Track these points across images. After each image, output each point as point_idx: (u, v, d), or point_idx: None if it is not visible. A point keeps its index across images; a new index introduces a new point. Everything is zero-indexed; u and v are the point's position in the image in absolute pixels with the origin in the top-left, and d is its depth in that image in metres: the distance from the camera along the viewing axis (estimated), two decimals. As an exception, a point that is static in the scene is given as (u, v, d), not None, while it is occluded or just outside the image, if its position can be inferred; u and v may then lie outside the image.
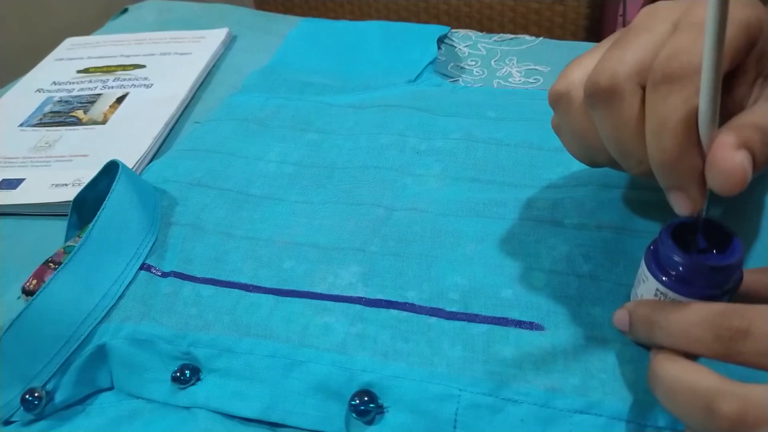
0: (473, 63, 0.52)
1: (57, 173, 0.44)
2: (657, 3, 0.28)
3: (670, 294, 0.24)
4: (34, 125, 0.50)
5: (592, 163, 0.30)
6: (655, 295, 0.25)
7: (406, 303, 0.31)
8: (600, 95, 0.25)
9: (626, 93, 0.25)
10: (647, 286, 0.25)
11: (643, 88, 0.24)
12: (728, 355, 0.21)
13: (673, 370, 0.22)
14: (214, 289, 0.33)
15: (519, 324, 0.30)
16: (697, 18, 0.24)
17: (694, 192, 0.24)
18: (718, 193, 0.23)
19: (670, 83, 0.23)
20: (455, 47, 0.54)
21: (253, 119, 0.46)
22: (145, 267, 0.35)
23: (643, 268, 0.26)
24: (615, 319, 0.27)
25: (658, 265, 0.25)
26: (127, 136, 0.47)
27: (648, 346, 0.25)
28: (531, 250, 0.33)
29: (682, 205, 0.25)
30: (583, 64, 0.27)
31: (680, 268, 0.24)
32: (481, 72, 0.51)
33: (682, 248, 0.24)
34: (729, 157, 0.22)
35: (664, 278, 0.24)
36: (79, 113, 0.51)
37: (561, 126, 0.29)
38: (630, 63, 0.25)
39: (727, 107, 0.26)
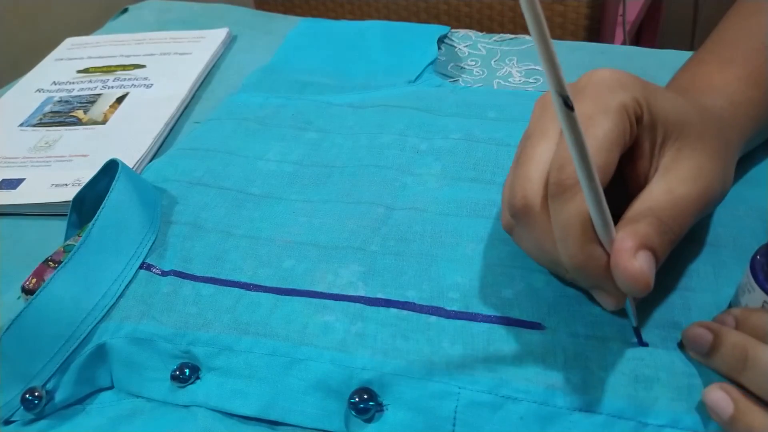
0: (473, 63, 0.52)
1: (57, 173, 0.44)
2: (545, 95, 0.29)
3: None
4: (34, 125, 0.50)
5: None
6: (763, 306, 0.24)
7: (406, 302, 0.31)
8: (518, 217, 0.27)
9: (536, 210, 0.26)
10: (753, 296, 0.25)
11: None
12: None
13: None
14: (214, 288, 0.33)
15: (519, 323, 0.30)
16: (579, 115, 0.25)
17: (611, 289, 0.25)
18: (631, 294, 0.24)
19: (563, 193, 0.24)
20: (455, 47, 0.54)
21: (253, 119, 0.46)
22: (144, 266, 0.35)
23: (749, 278, 0.25)
24: (691, 335, 0.26)
25: (767, 276, 0.24)
26: (127, 136, 0.47)
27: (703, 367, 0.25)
28: (531, 249, 0.33)
29: (606, 303, 0.27)
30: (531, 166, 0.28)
31: None
32: (481, 72, 0.51)
33: None
34: (629, 265, 0.23)
35: None
36: (79, 113, 0.51)
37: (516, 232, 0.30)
38: (534, 180, 0.26)
39: (634, 180, 0.28)
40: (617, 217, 0.26)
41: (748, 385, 0.24)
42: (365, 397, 0.28)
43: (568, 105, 0.20)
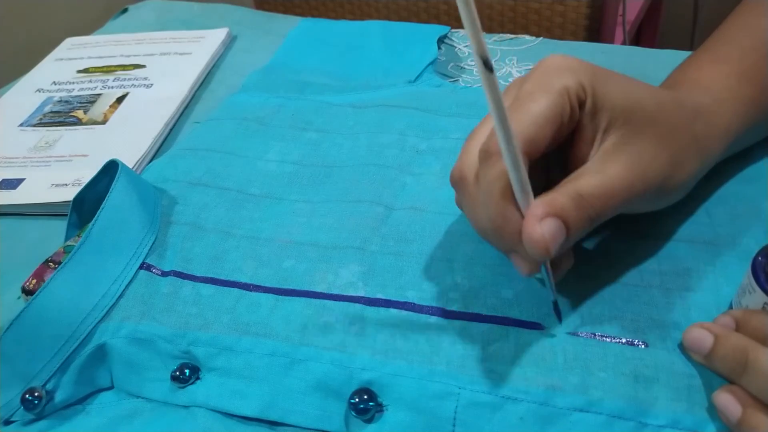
0: (473, 63, 0.52)
1: (57, 173, 0.44)
2: (513, 81, 0.30)
3: None
4: (34, 125, 0.50)
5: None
6: (763, 307, 0.24)
7: (406, 302, 0.31)
8: (454, 185, 0.29)
9: (469, 179, 0.28)
10: (754, 298, 0.25)
11: None
12: None
13: None
14: (214, 289, 0.33)
15: (519, 323, 0.30)
16: (521, 93, 0.27)
17: (524, 254, 0.26)
18: (535, 257, 0.25)
19: (488, 159, 0.25)
20: (455, 47, 0.54)
21: (253, 119, 0.46)
22: (144, 266, 0.35)
23: (750, 279, 0.25)
24: (691, 337, 0.26)
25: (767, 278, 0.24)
26: (127, 136, 0.47)
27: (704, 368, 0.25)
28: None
29: (519, 267, 0.27)
30: (471, 142, 0.29)
31: None
32: (480, 72, 0.51)
33: None
34: (532, 230, 0.24)
35: None
36: (79, 113, 0.51)
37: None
38: (472, 153, 0.28)
39: (573, 164, 0.29)
40: None
41: (748, 388, 0.24)
42: (365, 397, 0.28)
43: (487, 66, 0.20)
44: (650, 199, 0.29)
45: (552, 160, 0.30)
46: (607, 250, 0.33)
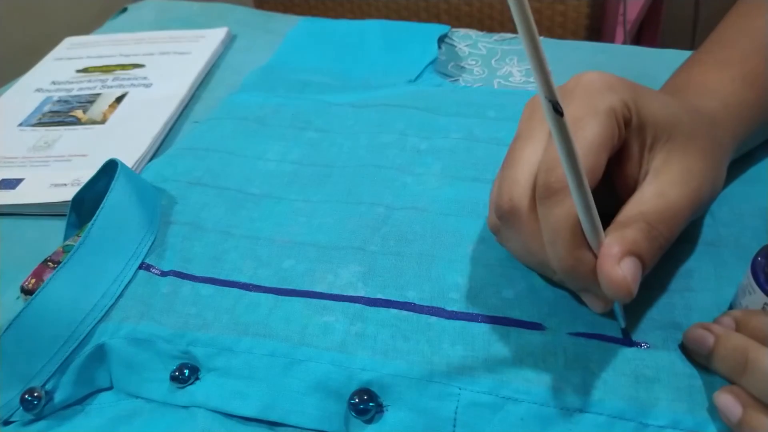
0: (473, 62, 0.52)
1: (56, 173, 0.44)
2: (535, 96, 0.29)
3: None
4: (33, 125, 0.50)
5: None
6: (763, 308, 0.24)
7: (406, 302, 0.31)
8: (505, 218, 0.27)
9: (523, 212, 0.26)
10: (754, 298, 0.25)
11: None
12: None
13: None
14: (214, 289, 0.33)
15: (519, 324, 0.30)
16: (567, 117, 0.26)
17: (599, 292, 0.25)
18: (615, 299, 0.25)
19: (552, 197, 0.24)
20: (455, 46, 0.54)
21: (252, 118, 0.46)
22: (144, 266, 0.35)
23: (750, 279, 0.25)
24: (691, 337, 0.26)
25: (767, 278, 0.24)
26: (127, 136, 0.47)
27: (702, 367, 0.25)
28: (531, 249, 0.33)
29: (593, 306, 0.27)
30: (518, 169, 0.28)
31: None
32: (481, 71, 0.51)
33: None
34: (612, 272, 0.24)
35: None
36: (79, 113, 0.51)
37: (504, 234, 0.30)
38: (522, 182, 0.26)
39: (622, 183, 0.28)
40: (606, 218, 0.26)
41: (749, 388, 0.24)
42: (365, 397, 0.28)
43: (557, 110, 0.20)
44: (700, 212, 0.29)
45: None
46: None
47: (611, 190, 0.28)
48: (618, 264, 0.24)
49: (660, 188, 0.26)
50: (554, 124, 0.20)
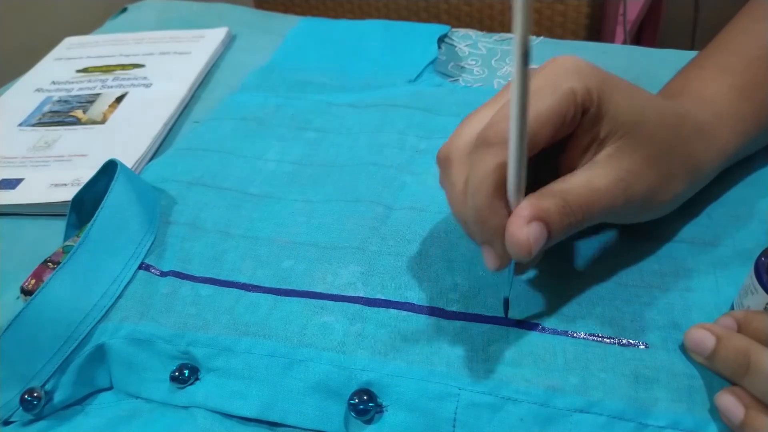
0: (473, 62, 0.52)
1: (56, 173, 0.44)
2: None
3: None
4: (33, 125, 0.50)
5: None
6: (766, 308, 0.24)
7: (405, 303, 0.31)
8: (439, 164, 0.29)
9: (455, 162, 0.28)
10: (756, 298, 0.25)
11: None
12: None
13: None
14: (213, 289, 0.33)
15: (519, 324, 0.30)
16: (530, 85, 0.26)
17: (499, 249, 0.26)
18: (513, 257, 0.25)
19: (486, 147, 0.25)
20: (455, 46, 0.54)
21: (252, 118, 0.46)
22: (143, 266, 0.35)
23: (752, 280, 0.25)
24: (692, 338, 0.26)
25: None
26: (127, 136, 0.47)
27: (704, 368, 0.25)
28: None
29: (488, 261, 0.27)
30: (466, 125, 0.29)
31: None
32: (481, 71, 0.51)
33: None
34: (518, 231, 0.25)
35: None
36: (78, 113, 0.51)
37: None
38: (464, 135, 0.28)
39: (564, 166, 0.29)
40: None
41: (750, 389, 0.24)
42: (365, 398, 0.28)
43: (525, 62, 0.20)
44: (634, 212, 0.29)
45: (540, 158, 0.30)
46: (607, 251, 0.32)
47: (553, 171, 0.29)
48: (526, 225, 0.25)
49: (590, 177, 0.27)
50: (518, 70, 0.21)
